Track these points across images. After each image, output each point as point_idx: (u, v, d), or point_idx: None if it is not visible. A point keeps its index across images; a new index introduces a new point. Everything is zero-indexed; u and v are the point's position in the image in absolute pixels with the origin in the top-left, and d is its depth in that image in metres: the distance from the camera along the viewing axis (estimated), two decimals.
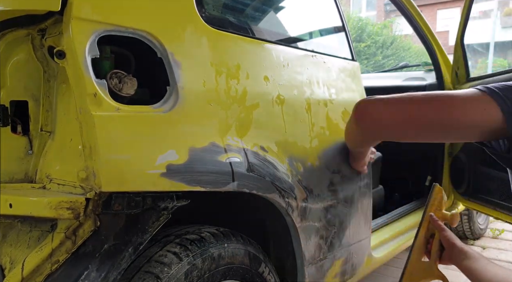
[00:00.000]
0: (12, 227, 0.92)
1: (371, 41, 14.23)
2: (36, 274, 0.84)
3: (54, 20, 0.88)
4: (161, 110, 0.88)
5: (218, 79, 1.01)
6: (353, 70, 1.52)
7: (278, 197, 1.12)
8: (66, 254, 0.84)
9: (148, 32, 0.90)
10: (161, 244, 0.95)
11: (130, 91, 0.86)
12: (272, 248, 1.30)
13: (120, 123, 0.82)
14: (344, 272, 1.45)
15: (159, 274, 0.88)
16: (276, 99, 1.15)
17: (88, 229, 0.84)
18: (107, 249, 0.84)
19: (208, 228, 1.05)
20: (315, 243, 1.29)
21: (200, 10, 1.02)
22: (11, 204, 0.82)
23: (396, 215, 2.11)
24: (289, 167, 1.17)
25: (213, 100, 0.99)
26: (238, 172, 1.01)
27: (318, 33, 1.65)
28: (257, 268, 1.11)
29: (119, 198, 0.84)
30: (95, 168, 0.79)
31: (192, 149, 0.92)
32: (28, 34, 0.92)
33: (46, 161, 0.93)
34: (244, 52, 1.12)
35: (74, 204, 0.80)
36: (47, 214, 0.80)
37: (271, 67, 1.17)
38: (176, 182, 0.88)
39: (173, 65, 0.92)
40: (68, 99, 0.91)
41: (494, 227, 2.99)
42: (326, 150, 1.31)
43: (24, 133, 0.94)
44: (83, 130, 0.81)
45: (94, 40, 0.81)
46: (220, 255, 1.01)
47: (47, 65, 0.94)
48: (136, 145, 0.84)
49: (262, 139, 1.10)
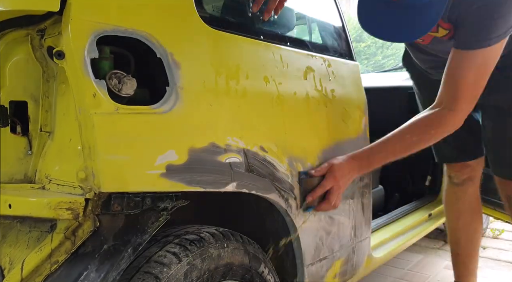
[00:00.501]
0: (12, 227, 0.92)
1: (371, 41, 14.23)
2: (36, 275, 0.84)
3: (53, 21, 0.88)
4: (160, 111, 0.88)
5: (217, 79, 1.01)
6: (353, 70, 1.52)
7: (277, 197, 1.12)
8: (66, 254, 0.84)
9: (147, 32, 0.90)
10: (161, 244, 0.95)
11: (129, 91, 0.86)
12: (271, 248, 1.30)
13: (119, 124, 0.82)
14: (344, 272, 1.45)
15: (158, 275, 0.88)
16: (276, 99, 1.15)
17: (87, 230, 0.84)
18: (106, 250, 0.84)
19: (208, 228, 1.05)
20: (315, 243, 1.29)
21: (200, 10, 1.02)
22: (10, 204, 0.82)
23: (396, 215, 2.11)
24: (289, 167, 1.17)
25: (213, 101, 0.99)
26: (238, 172, 1.01)
27: (318, 33, 1.65)
28: (257, 268, 1.11)
29: (118, 198, 0.84)
30: (94, 168, 0.79)
31: (192, 149, 0.92)
32: (27, 35, 0.92)
33: (45, 161, 0.93)
34: (244, 53, 1.12)
35: (73, 205, 0.80)
36: (46, 215, 0.80)
37: (271, 67, 1.17)
38: (175, 182, 0.88)
39: (173, 66, 0.92)
40: (67, 100, 0.91)
41: (494, 227, 2.99)
42: (326, 150, 1.31)
43: (23, 134, 0.94)
44: (82, 131, 0.81)
45: (93, 40, 0.81)
46: (220, 255, 1.00)
47: (47, 66, 0.94)
48: (135, 145, 0.84)
49: (261, 139, 1.10)
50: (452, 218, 1.78)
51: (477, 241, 1.80)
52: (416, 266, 2.39)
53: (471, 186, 1.72)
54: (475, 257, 1.81)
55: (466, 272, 1.80)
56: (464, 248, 1.78)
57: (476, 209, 1.76)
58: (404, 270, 2.34)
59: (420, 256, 2.54)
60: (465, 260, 1.79)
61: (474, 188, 1.73)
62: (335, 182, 1.22)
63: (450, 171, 1.73)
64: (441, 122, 1.27)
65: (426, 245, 2.71)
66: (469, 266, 1.79)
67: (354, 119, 1.45)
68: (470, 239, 1.77)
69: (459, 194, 1.73)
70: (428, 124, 1.29)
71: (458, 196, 1.73)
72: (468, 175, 1.69)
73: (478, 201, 1.75)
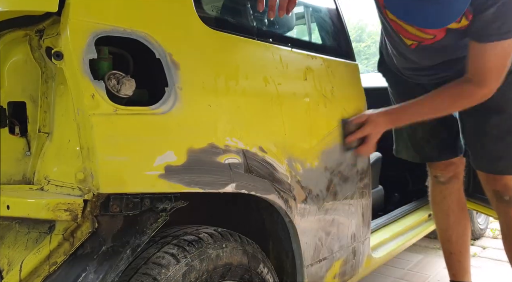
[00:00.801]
0: (10, 228, 0.92)
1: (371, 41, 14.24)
2: (34, 276, 0.83)
3: (51, 21, 0.88)
4: (159, 111, 0.88)
5: (217, 79, 1.01)
6: (353, 71, 1.52)
7: (277, 198, 1.12)
8: (64, 255, 0.84)
9: (146, 33, 0.89)
10: (159, 245, 0.95)
11: (128, 92, 0.86)
12: (271, 248, 1.30)
13: (118, 125, 0.82)
14: (343, 273, 1.44)
15: (157, 276, 0.88)
16: (275, 100, 1.15)
17: (86, 231, 0.84)
18: (105, 251, 0.84)
19: (206, 228, 1.04)
20: (315, 243, 1.28)
21: (199, 10, 1.02)
22: (8, 205, 0.82)
23: (396, 215, 2.11)
24: (288, 168, 1.17)
25: (212, 101, 0.99)
26: (237, 172, 1.01)
27: (317, 33, 1.65)
28: (256, 268, 1.11)
29: (117, 199, 0.83)
30: (93, 169, 0.79)
31: (191, 150, 0.92)
32: (26, 35, 0.92)
33: (44, 162, 0.93)
34: (243, 53, 1.12)
35: (72, 206, 0.80)
36: (45, 216, 0.79)
37: (270, 68, 1.16)
38: (174, 183, 0.88)
39: (172, 66, 0.92)
40: (66, 101, 0.91)
41: (494, 227, 2.98)
42: (326, 151, 1.31)
43: (22, 135, 0.94)
44: (81, 132, 0.80)
45: (91, 41, 0.81)
46: (218, 255, 1.00)
47: (45, 66, 0.93)
48: (134, 146, 0.84)
49: (261, 140, 1.09)
50: (442, 217, 1.79)
51: (468, 238, 1.82)
52: (416, 266, 2.39)
53: (457, 183, 1.75)
54: (467, 254, 1.82)
55: (462, 270, 1.81)
56: (456, 246, 1.79)
57: (463, 205, 1.79)
58: (404, 270, 2.34)
59: (420, 256, 2.54)
60: (460, 258, 1.80)
61: (459, 184, 1.76)
62: (374, 129, 1.40)
63: (436, 171, 1.75)
64: (471, 96, 1.37)
65: (426, 245, 2.71)
66: (464, 264, 1.80)
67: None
68: (461, 236, 1.78)
69: (446, 192, 1.75)
70: (458, 94, 1.38)
71: (445, 194, 1.75)
72: (453, 172, 1.73)
73: (463, 197, 1.79)
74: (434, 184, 1.78)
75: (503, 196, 1.53)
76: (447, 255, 1.82)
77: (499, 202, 1.56)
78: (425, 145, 1.67)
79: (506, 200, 1.52)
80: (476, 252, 2.62)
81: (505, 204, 1.54)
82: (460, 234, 1.78)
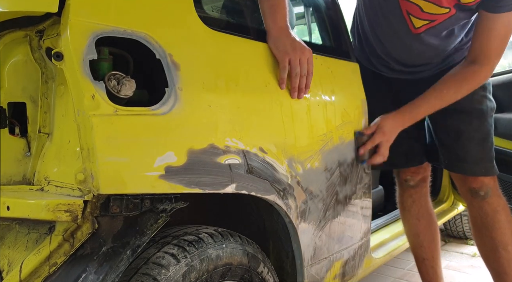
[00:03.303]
0: (10, 229, 0.92)
1: None
2: (34, 277, 0.83)
3: (52, 22, 0.88)
4: (159, 112, 0.88)
5: (217, 80, 1.01)
6: (353, 71, 1.52)
7: (277, 198, 1.12)
8: (64, 256, 0.84)
9: (146, 33, 0.89)
10: (159, 246, 0.95)
11: (128, 92, 0.86)
12: (271, 248, 1.30)
13: (118, 125, 0.82)
14: (343, 273, 1.45)
15: (157, 276, 0.88)
16: (275, 100, 1.15)
17: (86, 232, 0.84)
18: (105, 252, 0.84)
19: (206, 228, 1.05)
20: (315, 243, 1.29)
21: (199, 11, 1.02)
22: (8, 206, 0.82)
23: (396, 215, 2.11)
24: (289, 168, 1.17)
25: (212, 102, 0.99)
26: (237, 173, 1.01)
27: (317, 33, 1.65)
28: (256, 268, 1.11)
29: (117, 200, 0.84)
30: (93, 170, 0.79)
31: (191, 150, 0.92)
32: (26, 36, 0.92)
33: (44, 163, 0.93)
34: (243, 54, 1.12)
35: (72, 206, 0.80)
36: (45, 217, 0.79)
37: (270, 69, 1.16)
38: (174, 184, 0.88)
39: (172, 67, 0.92)
40: (66, 101, 0.91)
41: None
42: (326, 151, 1.31)
43: (22, 135, 0.94)
44: (81, 132, 0.80)
45: (92, 41, 0.81)
46: (218, 255, 1.00)
47: (45, 67, 0.93)
48: (134, 147, 0.83)
49: (261, 140, 1.09)
50: (413, 222, 1.78)
51: (438, 242, 1.81)
52: (416, 266, 2.39)
53: (425, 186, 1.76)
54: (439, 259, 1.81)
55: (436, 277, 1.79)
56: (429, 251, 1.77)
57: (431, 210, 1.79)
58: (404, 270, 2.34)
59: None
60: (433, 264, 1.78)
61: (426, 188, 1.77)
62: (384, 137, 1.41)
63: (405, 175, 1.74)
64: (475, 76, 1.42)
65: None
66: (437, 270, 1.79)
67: (354, 120, 1.45)
68: (432, 240, 1.77)
69: (415, 196, 1.75)
70: (464, 78, 1.43)
71: (414, 198, 1.75)
72: (422, 175, 1.73)
73: (430, 202, 1.79)
74: (403, 189, 1.78)
75: (479, 191, 1.53)
76: (420, 262, 1.80)
77: (473, 197, 1.56)
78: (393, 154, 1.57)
79: (481, 195, 1.53)
80: (476, 252, 2.62)
81: (480, 198, 1.54)
82: (431, 239, 1.77)
